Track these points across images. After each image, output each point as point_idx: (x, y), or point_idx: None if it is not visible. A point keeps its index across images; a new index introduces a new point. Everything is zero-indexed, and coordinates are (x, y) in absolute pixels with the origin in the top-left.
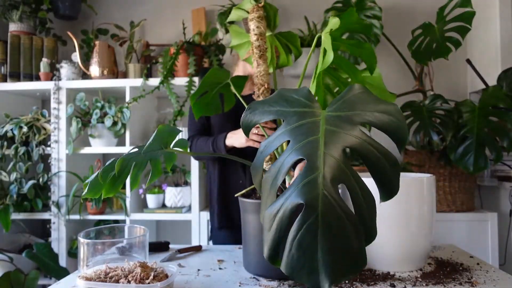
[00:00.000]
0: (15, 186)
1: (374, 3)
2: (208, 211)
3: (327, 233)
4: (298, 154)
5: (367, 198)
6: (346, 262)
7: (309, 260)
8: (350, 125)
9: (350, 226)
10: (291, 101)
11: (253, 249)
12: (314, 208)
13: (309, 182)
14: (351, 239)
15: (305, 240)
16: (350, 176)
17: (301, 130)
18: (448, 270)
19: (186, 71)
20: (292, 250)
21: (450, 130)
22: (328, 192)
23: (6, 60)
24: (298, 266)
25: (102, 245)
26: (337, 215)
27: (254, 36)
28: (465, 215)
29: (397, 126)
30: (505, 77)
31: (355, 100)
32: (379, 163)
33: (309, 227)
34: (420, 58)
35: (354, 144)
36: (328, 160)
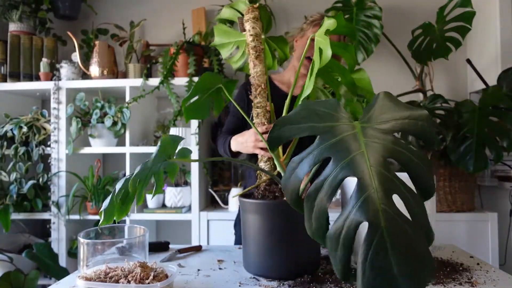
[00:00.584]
0: (15, 186)
1: (374, 3)
2: (208, 211)
3: (396, 247)
4: (347, 171)
5: (418, 203)
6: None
7: (387, 278)
8: (385, 135)
9: (413, 234)
10: (322, 116)
11: (253, 249)
12: (377, 225)
13: (366, 199)
14: (418, 246)
15: (377, 259)
16: (399, 185)
17: (341, 146)
18: (448, 270)
19: (186, 71)
20: (367, 272)
21: (450, 130)
22: (387, 207)
23: (6, 60)
24: (377, 286)
25: (102, 245)
26: (399, 226)
27: (250, 37)
28: (465, 215)
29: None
30: (505, 77)
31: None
32: (418, 168)
33: (378, 245)
34: (420, 58)
35: (393, 153)
36: (377, 173)
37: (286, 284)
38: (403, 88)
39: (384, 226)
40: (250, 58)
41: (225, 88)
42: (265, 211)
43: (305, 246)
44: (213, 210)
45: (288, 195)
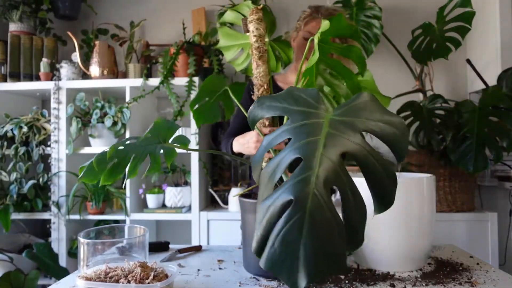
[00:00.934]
0: (15, 186)
1: (374, 3)
2: (208, 211)
3: (312, 232)
4: (296, 153)
5: (359, 204)
6: (327, 264)
7: (290, 256)
8: (352, 131)
9: (336, 229)
10: (298, 100)
11: None
12: (303, 205)
13: (302, 180)
14: (335, 242)
15: (289, 235)
16: (344, 180)
17: (304, 130)
18: (448, 270)
19: (186, 71)
20: (275, 244)
21: (450, 130)
22: (319, 192)
23: (6, 60)
24: (278, 261)
25: (102, 245)
26: (325, 216)
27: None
28: (465, 215)
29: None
30: (505, 77)
31: (362, 107)
32: (376, 172)
33: (295, 223)
34: (420, 58)
35: (353, 150)
36: (325, 161)
37: (285, 284)
38: (403, 88)
39: (309, 209)
40: (253, 58)
41: (233, 91)
42: None
43: None
44: (213, 210)
45: (254, 169)
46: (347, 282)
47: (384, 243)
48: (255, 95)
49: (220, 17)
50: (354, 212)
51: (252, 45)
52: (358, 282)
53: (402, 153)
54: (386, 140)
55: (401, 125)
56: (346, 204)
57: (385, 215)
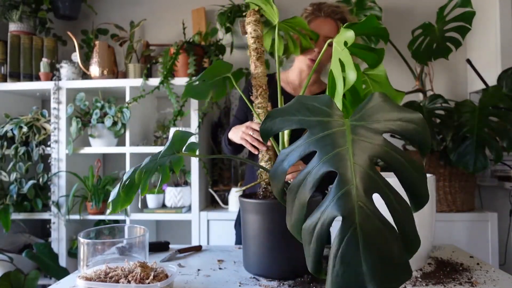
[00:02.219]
0: (15, 186)
1: (374, 3)
2: (208, 211)
3: (368, 245)
4: (329, 166)
5: (403, 205)
6: (391, 273)
7: (354, 274)
8: (375, 134)
9: (390, 236)
10: (313, 110)
11: (253, 249)
12: (352, 220)
13: (343, 194)
14: (392, 249)
15: (347, 254)
16: (382, 185)
17: (327, 141)
18: (448, 270)
19: (186, 71)
20: (336, 266)
21: (450, 130)
22: (364, 204)
23: (6, 60)
24: (344, 283)
25: (102, 245)
26: (375, 225)
27: (251, 39)
28: (465, 215)
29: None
30: (505, 77)
31: (378, 109)
32: (406, 170)
33: (349, 240)
34: (420, 58)
35: (380, 153)
36: (359, 171)
37: (286, 284)
38: (403, 88)
39: (358, 223)
40: (251, 59)
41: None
42: (265, 211)
43: None
44: (213, 210)
45: (274, 186)
46: None
47: None
48: (254, 96)
49: (220, 17)
50: (402, 215)
51: (250, 47)
52: None
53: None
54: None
55: (421, 120)
56: (392, 208)
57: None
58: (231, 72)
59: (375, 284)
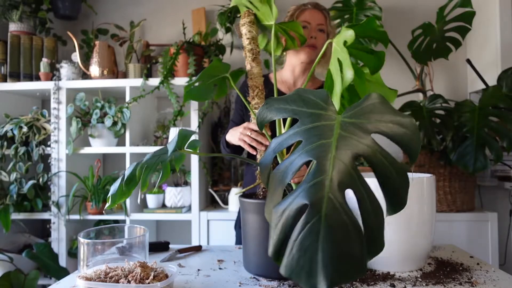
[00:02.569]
0: (15, 186)
1: (374, 3)
2: (208, 211)
3: (329, 236)
4: (309, 155)
5: (375, 207)
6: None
7: (308, 261)
8: (363, 133)
9: (353, 232)
10: (308, 102)
11: (253, 249)
12: (318, 210)
13: (316, 183)
14: (353, 246)
15: (306, 241)
16: (358, 183)
17: (315, 132)
18: (448, 270)
19: (186, 71)
20: (293, 250)
21: (450, 130)
22: (334, 196)
23: (6, 60)
24: (297, 267)
25: (102, 245)
26: (341, 219)
27: (246, 40)
28: (465, 215)
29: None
30: (505, 77)
31: (372, 109)
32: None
33: (312, 227)
34: (420, 58)
35: (365, 152)
36: (338, 164)
37: (286, 284)
38: (403, 88)
39: (324, 213)
40: (247, 60)
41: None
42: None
43: None
44: (213, 210)
45: (261, 172)
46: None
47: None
48: (251, 96)
49: (220, 17)
50: (372, 215)
51: (245, 48)
52: (358, 282)
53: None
54: (397, 141)
55: (412, 125)
56: (363, 207)
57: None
58: (229, 72)
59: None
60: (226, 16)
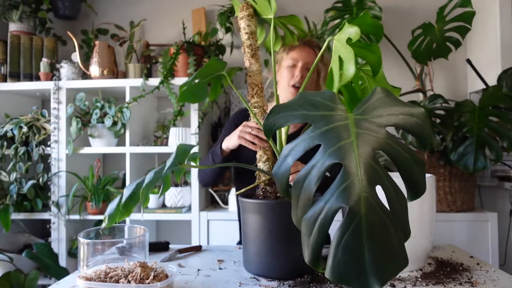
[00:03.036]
0: (15, 186)
1: (374, 3)
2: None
3: (372, 235)
4: (334, 158)
5: (400, 198)
6: (391, 262)
7: (356, 263)
8: (378, 128)
9: (391, 227)
10: (317, 105)
11: (253, 249)
12: (357, 211)
13: (348, 186)
14: (393, 239)
15: (351, 243)
16: (384, 177)
17: (332, 134)
18: (448, 270)
19: (186, 71)
20: (338, 255)
21: (450, 130)
22: (369, 195)
23: (6, 60)
24: (345, 271)
25: (102, 245)
26: (379, 216)
27: (245, 35)
28: (465, 215)
29: (422, 128)
30: (505, 77)
31: (380, 103)
32: (407, 163)
33: (354, 230)
34: (420, 58)
35: (383, 145)
36: (363, 163)
37: (286, 284)
38: (403, 88)
39: (364, 214)
40: (245, 56)
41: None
42: (265, 211)
43: None
44: (213, 210)
45: (278, 181)
46: None
47: None
48: (250, 95)
49: (220, 17)
50: (398, 206)
51: (244, 43)
52: None
53: (426, 141)
54: (410, 130)
55: (422, 114)
56: (390, 200)
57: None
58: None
59: (376, 272)
60: (226, 16)
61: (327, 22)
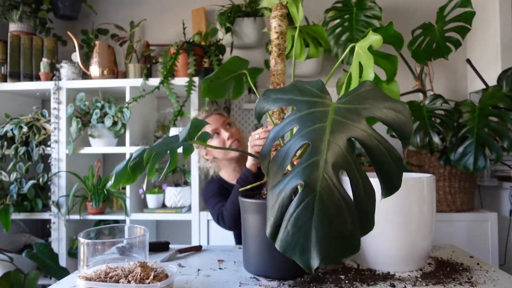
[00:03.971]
0: (15, 186)
1: (374, 3)
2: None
3: (323, 213)
4: (304, 139)
5: (367, 188)
6: (339, 245)
7: (303, 237)
8: (358, 118)
9: (346, 210)
10: (304, 91)
11: (253, 249)
12: (312, 188)
13: (310, 164)
14: (346, 224)
15: (301, 217)
16: (352, 164)
17: (310, 118)
18: (448, 270)
19: (186, 71)
20: (288, 226)
21: (450, 130)
22: (328, 175)
23: (6, 60)
24: (292, 243)
25: (102, 245)
26: (334, 198)
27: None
28: (465, 215)
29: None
30: (505, 77)
31: (366, 95)
32: (383, 157)
33: (306, 205)
34: (420, 58)
35: (359, 136)
36: (332, 146)
37: (286, 284)
38: (403, 88)
39: (319, 191)
40: (272, 55)
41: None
42: (265, 211)
43: None
44: None
45: (262, 160)
46: (347, 282)
47: (384, 243)
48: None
49: (220, 17)
50: (364, 195)
51: (272, 42)
52: (358, 282)
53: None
54: (390, 125)
55: (405, 110)
56: (355, 188)
57: (385, 215)
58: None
59: (319, 251)
60: (226, 16)
61: (327, 22)
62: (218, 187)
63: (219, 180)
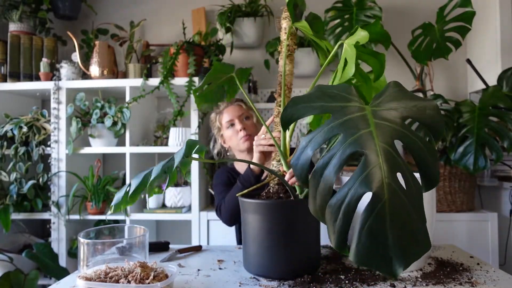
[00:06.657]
0: (15, 186)
1: (374, 3)
2: (208, 211)
3: (395, 219)
4: (354, 147)
5: (417, 186)
6: (415, 245)
7: (380, 247)
8: (394, 119)
9: (413, 211)
10: (334, 96)
11: (253, 249)
12: (380, 197)
13: (371, 173)
14: (415, 223)
15: (374, 227)
16: (403, 165)
17: (351, 124)
18: (448, 270)
19: (186, 71)
20: (362, 239)
21: (450, 130)
22: (391, 181)
23: (6, 60)
24: (369, 254)
25: (102, 245)
26: (401, 201)
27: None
28: (465, 215)
29: (436, 120)
30: (505, 77)
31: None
32: (423, 153)
33: (378, 214)
34: (420, 58)
35: (400, 135)
36: (383, 151)
37: (286, 284)
38: None
39: (387, 198)
40: (281, 55)
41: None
42: (265, 211)
43: (305, 246)
44: (213, 210)
45: (297, 172)
46: (347, 282)
47: None
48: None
49: (220, 17)
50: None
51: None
52: (358, 282)
53: (439, 132)
54: (423, 122)
55: (436, 108)
56: (409, 187)
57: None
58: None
59: (399, 255)
60: (226, 16)
61: (327, 22)
62: (227, 176)
63: (230, 169)
